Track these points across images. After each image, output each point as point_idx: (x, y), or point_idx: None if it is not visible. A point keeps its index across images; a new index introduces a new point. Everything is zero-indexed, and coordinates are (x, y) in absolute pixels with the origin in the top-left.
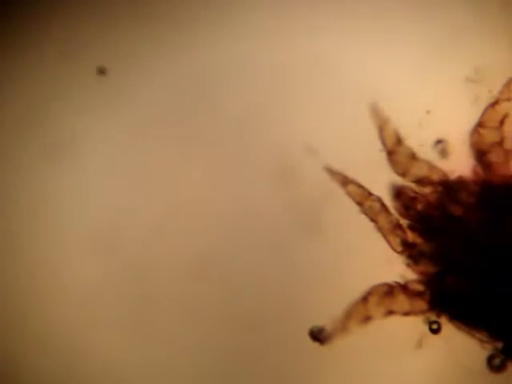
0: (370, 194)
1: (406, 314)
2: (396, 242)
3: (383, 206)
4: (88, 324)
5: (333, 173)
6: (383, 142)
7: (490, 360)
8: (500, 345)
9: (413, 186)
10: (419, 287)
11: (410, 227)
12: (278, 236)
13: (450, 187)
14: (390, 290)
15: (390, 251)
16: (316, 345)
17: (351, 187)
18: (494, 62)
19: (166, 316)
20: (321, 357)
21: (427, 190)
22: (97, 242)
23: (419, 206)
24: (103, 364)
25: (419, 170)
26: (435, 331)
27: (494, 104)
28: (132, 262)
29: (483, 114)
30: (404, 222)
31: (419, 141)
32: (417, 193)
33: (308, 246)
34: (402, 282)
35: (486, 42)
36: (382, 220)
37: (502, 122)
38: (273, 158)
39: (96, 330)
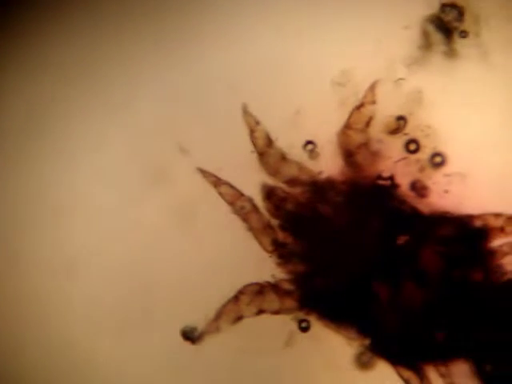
0: (241, 194)
1: (277, 312)
2: (267, 241)
3: (254, 206)
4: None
5: (205, 174)
6: (254, 144)
7: (357, 357)
8: (367, 342)
9: (283, 186)
10: (289, 286)
11: (281, 227)
12: (152, 236)
13: (319, 187)
14: (260, 290)
15: (261, 251)
16: (188, 344)
17: (223, 188)
18: (359, 65)
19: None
20: (192, 356)
21: (297, 190)
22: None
23: (289, 206)
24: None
25: (289, 171)
26: (305, 329)
27: (360, 107)
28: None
29: (350, 116)
30: (275, 222)
31: (289, 142)
32: (287, 193)
33: (181, 246)
34: (272, 281)
35: (351, 45)
36: (254, 220)
37: (367, 124)
38: (145, 159)
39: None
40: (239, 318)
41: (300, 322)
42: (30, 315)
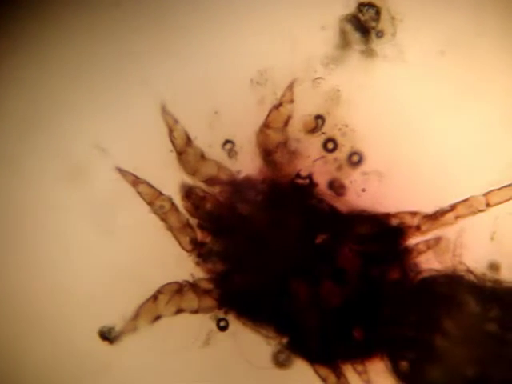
0: (160, 193)
1: (195, 311)
2: (186, 241)
3: (173, 205)
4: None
5: (123, 173)
6: (173, 143)
7: (275, 356)
8: (285, 340)
9: (202, 185)
10: (208, 285)
11: (200, 226)
12: (69, 235)
13: (238, 187)
14: (179, 289)
15: (180, 250)
16: (105, 344)
17: (142, 187)
18: (277, 64)
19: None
20: (109, 356)
21: (216, 189)
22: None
23: (208, 206)
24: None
25: (208, 170)
26: (223, 328)
27: (278, 106)
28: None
29: (268, 115)
30: (194, 222)
31: (208, 141)
32: (206, 192)
33: (99, 246)
34: (191, 280)
35: (269, 45)
36: (172, 219)
37: (285, 123)
38: (62, 158)
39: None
40: (157, 318)
41: (218, 321)
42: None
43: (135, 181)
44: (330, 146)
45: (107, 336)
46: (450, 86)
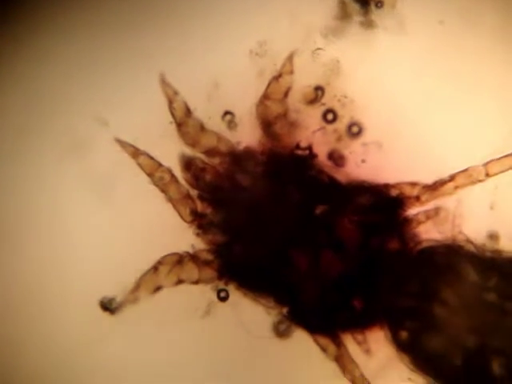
0: (160, 165)
1: (196, 282)
2: (186, 212)
3: (173, 176)
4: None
5: (123, 145)
6: (173, 114)
7: (275, 326)
8: (285, 310)
9: (202, 156)
10: (208, 256)
11: (200, 197)
12: (70, 207)
13: (237, 158)
14: (179, 260)
15: (181, 221)
16: (106, 314)
17: (142, 159)
18: (276, 36)
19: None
20: (111, 326)
21: (216, 160)
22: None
23: (208, 177)
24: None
25: (208, 142)
26: (223, 299)
27: (278, 77)
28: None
29: (268, 86)
30: (194, 193)
31: (208, 113)
32: (206, 163)
33: (99, 217)
34: (191, 251)
35: (268, 16)
36: (172, 191)
37: (285, 95)
38: (63, 131)
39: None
40: (158, 288)
41: (219, 291)
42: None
43: (135, 152)
44: (330, 117)
45: (108, 307)
46: (449, 56)
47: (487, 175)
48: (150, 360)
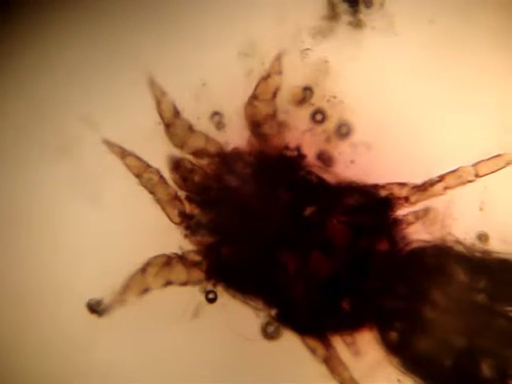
0: (148, 166)
1: (184, 284)
2: (174, 213)
3: (161, 177)
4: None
5: (111, 145)
6: (161, 115)
7: (264, 327)
8: (274, 312)
9: (190, 157)
10: (196, 257)
11: (188, 199)
12: (57, 209)
13: (226, 159)
14: (168, 261)
15: (169, 222)
16: (94, 317)
17: (129, 160)
18: (265, 36)
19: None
20: (98, 329)
21: (204, 161)
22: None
23: (197, 178)
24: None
25: (196, 142)
26: (212, 300)
27: (266, 77)
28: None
29: (256, 86)
30: (182, 194)
31: (196, 113)
32: (194, 165)
33: (87, 219)
34: (180, 252)
35: (257, 16)
36: (161, 192)
37: (274, 95)
38: (51, 131)
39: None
40: (146, 290)
41: (207, 293)
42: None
43: (123, 153)
44: (319, 117)
45: (95, 309)
46: (440, 56)
47: (477, 176)
48: (137, 362)
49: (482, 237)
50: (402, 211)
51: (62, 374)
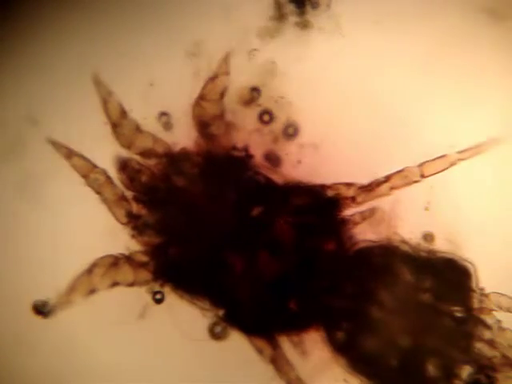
0: (94, 166)
1: (131, 284)
2: (121, 213)
3: (108, 178)
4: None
5: (57, 145)
6: (107, 115)
7: (211, 328)
8: (221, 312)
9: (138, 158)
10: (144, 258)
11: (135, 199)
12: (5, 209)
13: (173, 159)
14: (114, 262)
15: (116, 223)
16: (39, 318)
17: (76, 160)
18: (212, 36)
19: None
20: (44, 330)
21: (152, 162)
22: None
23: (144, 178)
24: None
25: (144, 143)
26: (159, 301)
27: (214, 78)
28: None
29: (204, 87)
30: (129, 194)
31: (143, 113)
32: (142, 165)
33: (31, 220)
34: (127, 253)
35: (204, 16)
36: (107, 192)
37: (221, 95)
38: None
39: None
40: (92, 291)
41: (154, 293)
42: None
43: (69, 153)
44: (266, 117)
45: (41, 310)
46: (385, 56)
47: (422, 176)
48: (84, 363)
49: (428, 236)
50: (348, 211)
51: (7, 376)
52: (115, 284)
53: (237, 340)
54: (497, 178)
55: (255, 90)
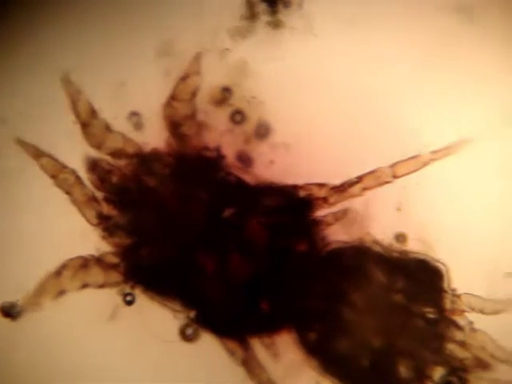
0: (64, 166)
1: (101, 286)
2: (91, 214)
3: (78, 178)
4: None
5: (25, 145)
6: (77, 114)
7: (182, 329)
8: (192, 314)
9: (108, 158)
10: (114, 259)
11: (106, 200)
12: None
13: (144, 159)
14: (84, 263)
15: (86, 224)
16: (7, 320)
17: (44, 160)
18: (183, 35)
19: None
20: (12, 332)
21: (122, 162)
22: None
23: (114, 179)
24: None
25: (114, 143)
26: (129, 303)
27: (185, 77)
28: None
29: (175, 87)
30: (100, 195)
31: (114, 113)
32: (112, 165)
33: (2, 220)
34: (97, 254)
35: (175, 15)
36: (77, 193)
37: (193, 95)
38: None
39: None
40: (62, 293)
41: (125, 295)
42: None
43: (37, 154)
44: (238, 117)
45: (9, 312)
46: (357, 56)
47: (394, 177)
48: (54, 366)
49: (400, 237)
50: (321, 212)
51: None
52: (85, 286)
53: (208, 342)
54: (469, 178)
55: (227, 90)
